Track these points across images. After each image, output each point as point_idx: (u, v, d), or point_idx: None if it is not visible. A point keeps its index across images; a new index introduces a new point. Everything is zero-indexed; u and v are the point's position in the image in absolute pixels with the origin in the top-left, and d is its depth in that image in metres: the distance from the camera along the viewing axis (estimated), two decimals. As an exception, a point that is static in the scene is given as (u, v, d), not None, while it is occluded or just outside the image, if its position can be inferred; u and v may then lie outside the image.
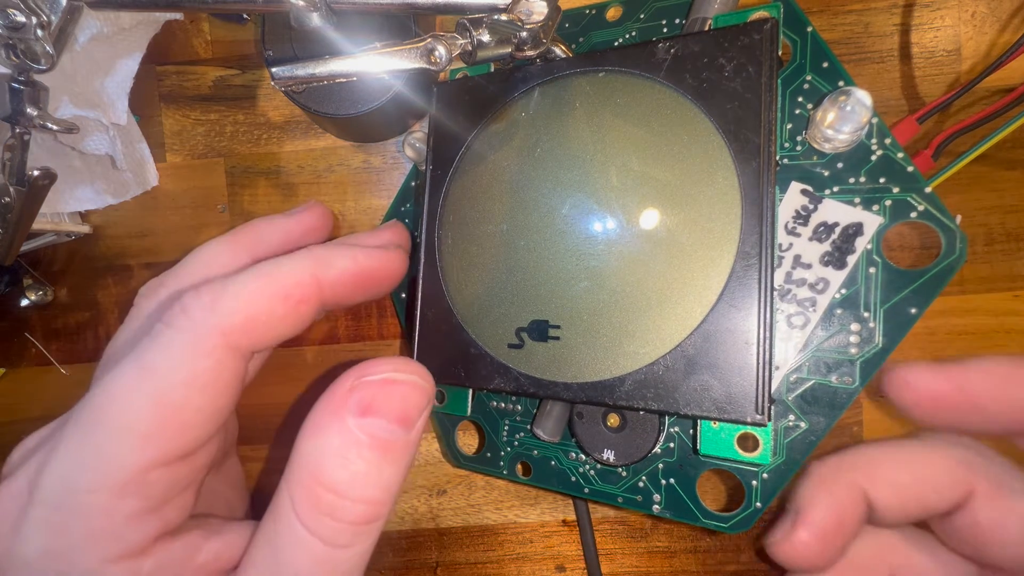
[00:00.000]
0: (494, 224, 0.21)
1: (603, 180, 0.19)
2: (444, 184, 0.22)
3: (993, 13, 0.23)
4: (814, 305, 0.17)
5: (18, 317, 0.29)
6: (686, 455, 0.19)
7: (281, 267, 0.16)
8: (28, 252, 0.28)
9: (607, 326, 0.18)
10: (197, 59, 0.28)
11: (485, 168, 0.21)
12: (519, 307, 0.20)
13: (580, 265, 0.19)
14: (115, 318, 0.29)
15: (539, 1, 0.19)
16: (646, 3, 0.21)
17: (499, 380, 0.20)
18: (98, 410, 0.14)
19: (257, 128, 0.28)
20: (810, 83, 0.18)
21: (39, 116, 0.19)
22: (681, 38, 0.18)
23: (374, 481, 0.14)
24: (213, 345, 0.15)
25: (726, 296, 0.17)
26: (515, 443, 0.22)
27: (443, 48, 0.20)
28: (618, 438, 0.19)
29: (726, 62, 0.17)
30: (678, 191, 0.18)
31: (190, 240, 0.28)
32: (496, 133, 0.21)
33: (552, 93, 0.20)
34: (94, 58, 0.24)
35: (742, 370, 0.16)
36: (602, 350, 0.18)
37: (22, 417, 0.29)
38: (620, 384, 0.18)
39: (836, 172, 0.18)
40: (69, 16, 0.18)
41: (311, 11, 0.18)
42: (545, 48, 0.21)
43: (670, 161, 0.18)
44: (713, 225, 0.17)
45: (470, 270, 0.21)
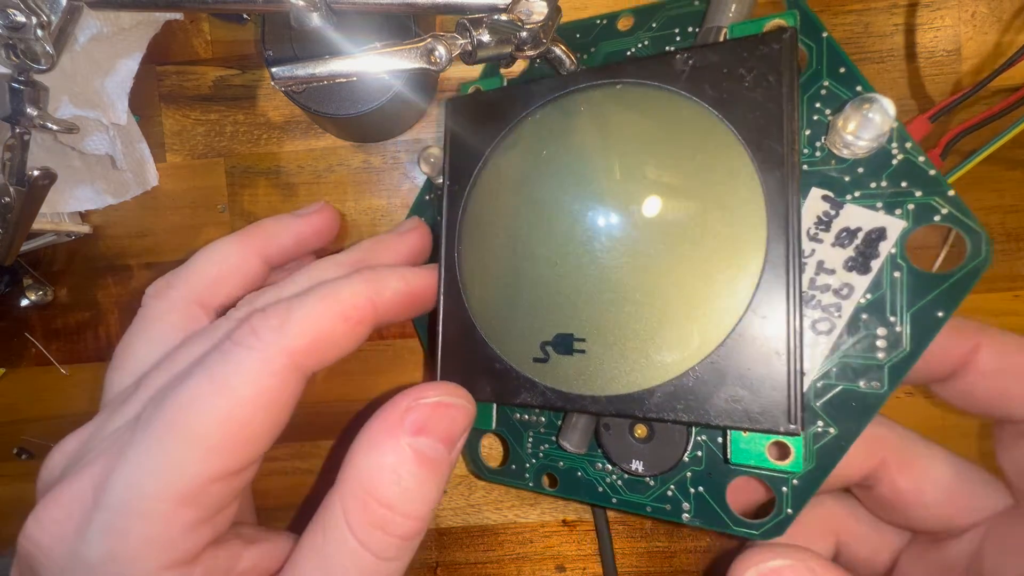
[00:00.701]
0: (514, 238, 0.20)
1: (624, 192, 0.19)
2: (462, 199, 0.22)
3: (993, 13, 0.23)
4: (839, 310, 0.17)
5: (18, 317, 0.29)
6: (715, 463, 0.19)
7: (341, 291, 0.17)
8: (28, 252, 0.28)
9: (633, 338, 0.18)
10: (197, 59, 0.28)
11: (503, 182, 0.21)
12: (543, 321, 0.20)
13: (603, 278, 0.19)
14: (115, 318, 0.29)
15: (539, 1, 0.19)
16: (658, 12, 0.21)
17: (526, 394, 0.20)
18: (170, 420, 0.14)
19: (257, 128, 0.28)
20: (827, 88, 0.18)
21: (39, 116, 0.19)
22: (699, 49, 0.18)
23: (421, 497, 0.16)
24: (281, 365, 0.15)
25: (754, 306, 0.17)
26: (540, 455, 0.22)
27: (443, 48, 0.20)
28: (646, 448, 0.19)
29: (746, 72, 0.17)
30: (701, 202, 0.18)
31: (190, 240, 0.28)
32: (514, 147, 0.21)
33: (569, 106, 0.20)
34: (94, 58, 0.24)
35: (773, 380, 0.16)
36: (629, 363, 0.18)
37: (22, 417, 0.29)
38: (649, 396, 0.18)
39: (857, 177, 0.17)
40: (69, 16, 0.18)
41: (311, 11, 0.18)
42: (545, 48, 0.21)
43: (692, 172, 0.18)
44: (738, 235, 0.17)
45: (491, 285, 0.21)
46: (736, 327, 0.17)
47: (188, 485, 0.14)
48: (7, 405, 0.29)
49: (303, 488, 0.28)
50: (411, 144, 0.27)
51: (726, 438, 0.18)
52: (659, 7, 0.21)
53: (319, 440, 0.28)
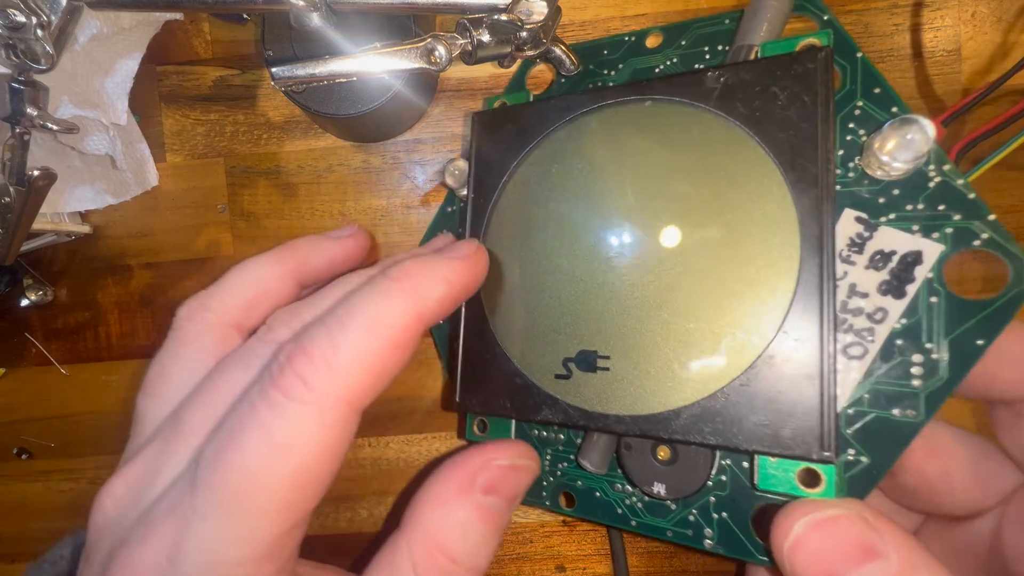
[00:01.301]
0: (538, 252, 0.20)
1: (652, 209, 0.18)
2: (486, 213, 0.22)
3: (993, 13, 0.23)
4: (872, 335, 0.17)
5: (18, 317, 0.29)
6: (740, 489, 0.18)
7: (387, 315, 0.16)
8: (28, 252, 0.28)
9: (659, 358, 0.18)
10: (197, 59, 0.28)
11: (529, 196, 0.21)
12: (566, 337, 0.19)
13: (629, 295, 0.18)
14: (115, 318, 0.29)
15: (539, 1, 0.19)
16: (687, 30, 0.21)
17: (547, 412, 0.19)
18: (236, 487, 0.14)
19: (257, 128, 0.28)
20: (861, 109, 0.18)
21: (39, 116, 0.19)
22: (732, 67, 0.18)
23: (484, 552, 0.16)
24: (340, 414, 0.15)
25: (786, 328, 0.16)
26: (558, 473, 0.21)
27: (443, 48, 0.20)
28: (669, 471, 0.19)
29: (779, 91, 0.17)
30: (732, 220, 0.17)
31: (190, 240, 0.28)
32: (540, 162, 0.21)
33: (597, 122, 0.20)
34: (94, 58, 0.24)
35: (805, 405, 0.16)
36: (655, 382, 0.18)
37: (22, 417, 0.29)
38: (675, 418, 0.17)
39: (892, 199, 0.17)
40: (69, 16, 0.18)
41: (311, 11, 0.18)
42: (545, 48, 0.21)
43: (722, 190, 0.17)
44: (770, 255, 0.17)
45: (513, 299, 0.21)
46: (767, 349, 0.16)
47: (264, 545, 0.14)
48: (7, 405, 0.29)
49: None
50: (411, 144, 0.27)
51: (753, 463, 0.17)
52: (689, 25, 0.21)
53: (319, 440, 0.28)
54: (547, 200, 0.20)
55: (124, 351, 0.29)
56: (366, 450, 0.27)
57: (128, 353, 0.29)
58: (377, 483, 0.27)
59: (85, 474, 0.29)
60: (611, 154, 0.19)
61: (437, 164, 0.27)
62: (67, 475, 0.30)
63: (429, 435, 0.27)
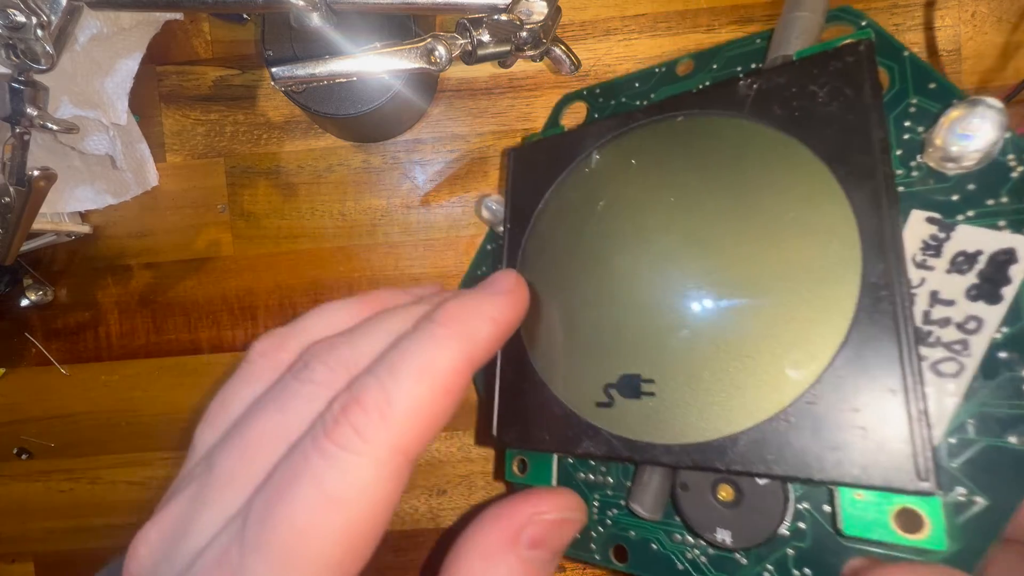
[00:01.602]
0: (575, 278, 0.19)
1: (692, 223, 0.17)
2: (522, 241, 0.21)
3: (993, 13, 0.23)
4: (967, 348, 0.14)
5: (18, 317, 0.29)
6: (823, 537, 0.15)
7: (437, 362, 0.15)
8: (28, 252, 0.28)
9: (709, 378, 0.16)
10: (197, 59, 0.28)
11: (564, 222, 0.20)
12: (606, 361, 0.18)
13: (671, 314, 0.17)
14: (115, 318, 0.29)
15: (539, 1, 0.19)
16: (718, 53, 0.20)
17: (588, 443, 0.18)
18: (286, 544, 0.14)
19: (257, 128, 0.28)
20: (916, 106, 0.16)
21: (39, 116, 0.19)
22: (764, 72, 0.17)
23: None
24: (396, 465, 0.15)
25: (855, 336, 0.14)
26: (608, 522, 0.19)
27: (443, 48, 0.20)
28: (734, 515, 0.16)
29: (818, 88, 0.16)
30: (780, 226, 0.16)
31: (190, 240, 0.28)
32: (574, 187, 0.20)
33: (630, 143, 0.19)
34: (94, 58, 0.24)
35: (889, 424, 0.13)
36: (706, 406, 0.16)
37: (22, 417, 0.29)
38: (732, 445, 0.15)
39: (968, 195, 0.15)
40: (69, 16, 0.18)
41: (311, 11, 0.18)
42: (545, 48, 0.21)
43: (766, 197, 0.16)
44: (827, 258, 0.15)
45: (551, 325, 0.20)
46: (833, 361, 0.14)
47: None
48: (7, 405, 0.29)
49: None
50: (411, 144, 0.27)
51: (834, 503, 0.15)
52: (719, 49, 0.20)
53: (319, 440, 0.28)
54: (583, 225, 0.20)
55: (124, 351, 0.29)
56: (366, 450, 0.27)
57: (128, 353, 0.29)
58: (377, 483, 0.27)
59: (85, 474, 0.29)
60: (646, 173, 0.19)
61: (437, 164, 0.27)
62: (67, 475, 0.30)
63: (429, 435, 0.27)
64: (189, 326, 0.28)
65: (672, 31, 0.25)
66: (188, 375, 0.28)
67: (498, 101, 0.26)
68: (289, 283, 0.28)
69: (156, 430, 0.29)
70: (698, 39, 0.25)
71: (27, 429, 0.29)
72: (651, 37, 0.25)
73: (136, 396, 0.29)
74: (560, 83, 0.26)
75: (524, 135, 0.26)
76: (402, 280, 0.27)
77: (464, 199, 0.27)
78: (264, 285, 0.28)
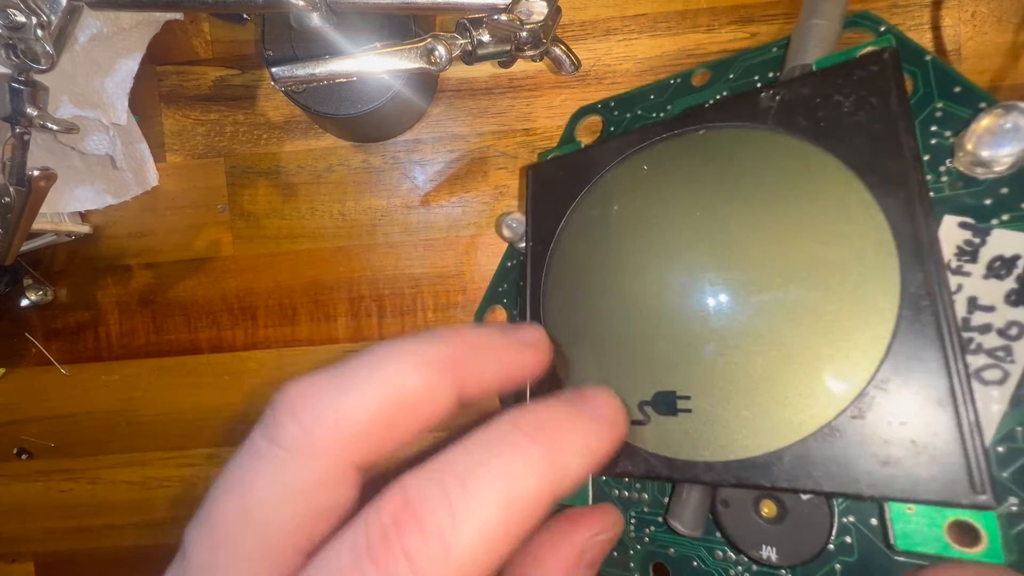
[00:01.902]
0: (602, 295, 0.19)
1: (721, 237, 0.17)
2: (545, 259, 0.21)
3: (993, 13, 0.23)
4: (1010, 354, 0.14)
5: (18, 317, 0.29)
6: (873, 552, 0.15)
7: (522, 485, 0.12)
8: (28, 252, 0.28)
9: (748, 392, 0.15)
10: (197, 59, 0.28)
11: (587, 240, 0.20)
12: (639, 379, 0.17)
13: (705, 327, 0.17)
14: (115, 318, 0.29)
15: (539, 1, 0.19)
16: (735, 63, 0.20)
17: (625, 463, 0.17)
18: None
19: (257, 128, 0.28)
20: (942, 110, 0.16)
21: (39, 116, 0.19)
22: (787, 83, 0.17)
23: None
24: None
25: (898, 347, 0.14)
26: (645, 539, 0.19)
27: (443, 48, 0.20)
28: (778, 531, 0.16)
29: (843, 98, 0.16)
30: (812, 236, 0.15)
31: (190, 240, 0.28)
32: (596, 205, 0.20)
33: (651, 157, 0.19)
34: (94, 58, 0.24)
35: (941, 436, 0.13)
36: (746, 421, 0.15)
37: (22, 417, 0.29)
38: (776, 461, 0.15)
39: (1001, 198, 0.15)
40: (69, 16, 0.18)
41: (311, 11, 0.18)
42: (545, 48, 0.21)
43: (796, 207, 0.16)
44: (863, 268, 0.15)
45: (580, 343, 0.19)
46: (878, 372, 0.14)
47: None
48: (7, 405, 0.29)
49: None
50: (411, 144, 0.27)
51: (884, 517, 0.14)
52: (735, 58, 0.20)
53: (319, 440, 0.28)
54: (608, 242, 0.20)
55: (124, 351, 0.29)
56: (366, 450, 0.28)
57: (128, 353, 0.29)
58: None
59: (85, 474, 0.29)
60: (669, 188, 0.18)
61: (437, 164, 0.27)
62: (67, 475, 0.30)
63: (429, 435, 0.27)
64: (189, 326, 0.28)
65: (672, 31, 0.25)
66: (188, 375, 0.28)
67: (498, 101, 0.26)
68: (289, 283, 0.28)
69: (156, 430, 0.29)
70: (698, 39, 0.25)
71: (27, 429, 0.29)
72: (651, 37, 0.25)
73: (136, 396, 0.29)
74: (560, 83, 0.26)
75: (524, 135, 0.26)
76: (401, 280, 0.27)
77: (464, 199, 0.27)
78: (264, 285, 0.28)
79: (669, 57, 0.25)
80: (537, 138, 0.26)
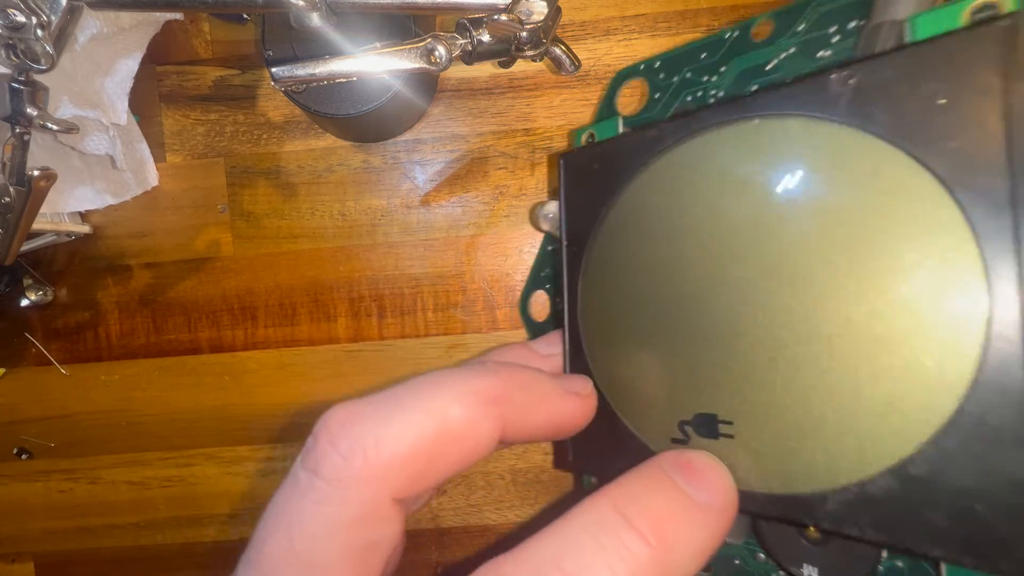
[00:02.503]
0: (642, 305, 0.18)
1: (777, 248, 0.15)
2: (581, 261, 0.19)
3: (993, 13, 0.23)
4: None
5: (18, 317, 0.29)
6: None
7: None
8: (28, 252, 0.28)
9: (796, 425, 0.14)
10: (197, 59, 0.28)
11: (625, 243, 0.18)
12: (680, 397, 0.16)
13: (755, 352, 0.15)
14: (115, 318, 0.29)
15: (539, 1, 0.19)
16: (806, 9, 0.17)
17: None
18: None
19: (257, 128, 0.28)
20: None
21: (39, 116, 0.19)
22: (864, 63, 0.14)
23: None
24: None
25: (980, 392, 0.12)
26: None
27: (443, 48, 0.20)
28: (822, 552, 0.15)
29: (939, 84, 0.12)
30: (884, 257, 0.13)
31: (190, 240, 0.28)
32: (634, 204, 0.18)
33: (698, 149, 0.17)
34: (94, 58, 0.24)
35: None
36: (791, 455, 0.14)
37: (22, 417, 0.29)
38: (821, 502, 0.13)
39: None
40: (69, 16, 0.18)
41: (311, 11, 0.18)
42: (545, 48, 0.21)
43: (867, 220, 0.13)
44: (942, 301, 0.12)
45: (620, 352, 0.18)
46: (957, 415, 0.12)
47: None
48: (7, 405, 0.29)
49: (303, 488, 0.28)
50: (411, 144, 0.27)
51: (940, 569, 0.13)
52: (806, 4, 0.17)
53: (319, 440, 0.28)
54: (648, 245, 0.18)
55: (124, 351, 0.29)
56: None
57: (128, 353, 0.29)
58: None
59: (85, 474, 0.29)
60: (717, 188, 0.16)
61: (437, 164, 0.27)
62: (67, 475, 0.30)
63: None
64: (189, 326, 0.28)
65: (672, 31, 0.25)
66: (188, 375, 0.28)
67: (498, 101, 0.26)
68: (289, 283, 0.28)
69: (156, 430, 0.29)
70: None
71: (27, 429, 0.29)
72: (651, 37, 0.25)
73: (136, 396, 0.29)
74: (560, 83, 0.26)
75: (524, 135, 0.26)
76: (401, 280, 0.27)
77: (464, 199, 0.27)
78: (264, 285, 0.28)
79: (669, 57, 0.25)
80: (537, 138, 0.26)
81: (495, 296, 0.27)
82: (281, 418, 0.28)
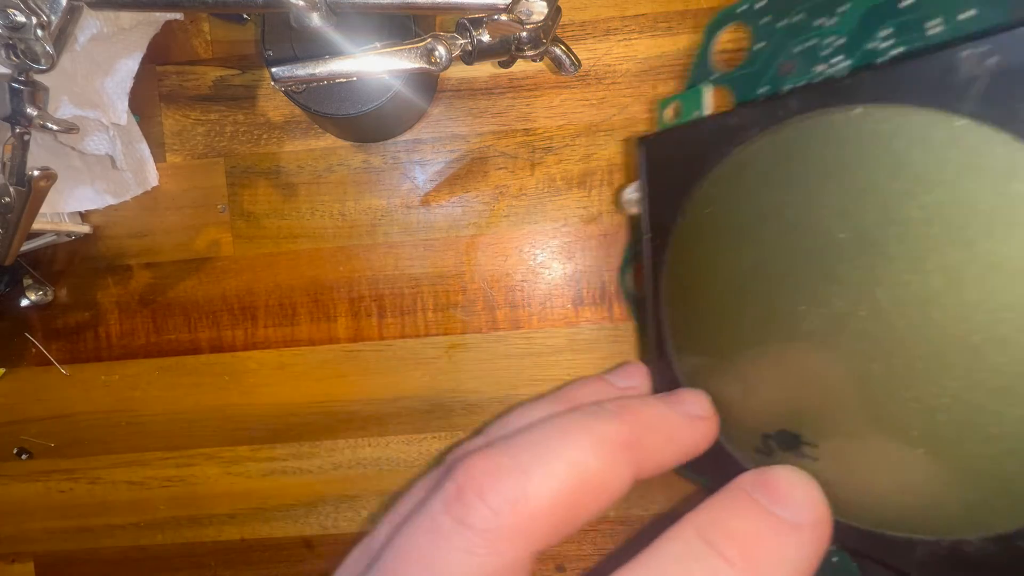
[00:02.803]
0: (726, 309, 0.16)
1: (884, 263, 0.13)
2: (665, 254, 0.18)
3: (993, 13, 0.23)
4: None
5: (18, 317, 0.29)
6: None
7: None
8: (28, 252, 0.28)
9: (888, 462, 0.13)
10: (197, 59, 0.28)
11: (711, 237, 0.17)
12: (764, 409, 0.15)
13: (849, 369, 0.13)
14: (115, 318, 0.29)
15: (539, 1, 0.19)
16: None
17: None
18: None
19: (257, 128, 0.28)
20: None
21: (39, 116, 0.19)
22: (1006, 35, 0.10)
23: None
24: None
25: None
26: None
27: (443, 48, 0.20)
28: None
29: None
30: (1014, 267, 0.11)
31: (190, 240, 0.28)
32: (720, 195, 0.16)
33: (791, 140, 0.14)
34: (94, 58, 0.24)
35: None
36: (877, 493, 0.13)
37: (22, 417, 0.29)
38: (908, 549, 0.12)
39: None
40: (69, 16, 0.18)
41: (311, 11, 0.18)
42: (545, 48, 0.21)
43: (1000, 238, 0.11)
44: None
45: (704, 352, 0.17)
46: None
47: None
48: (7, 405, 0.29)
49: (303, 488, 0.28)
50: (411, 144, 0.27)
51: None
52: None
53: (318, 440, 0.28)
54: (734, 245, 0.16)
55: (124, 351, 0.29)
56: (366, 450, 0.28)
57: (128, 353, 0.29)
58: (377, 483, 0.27)
59: (85, 474, 0.29)
60: (816, 187, 0.14)
61: (437, 164, 0.27)
62: (67, 475, 0.30)
63: (429, 435, 0.27)
64: (189, 326, 0.28)
65: (672, 31, 0.25)
66: (188, 375, 0.28)
67: (498, 101, 0.26)
68: (289, 283, 0.28)
69: (156, 430, 0.29)
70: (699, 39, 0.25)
71: (27, 429, 0.29)
72: (651, 37, 0.25)
73: (136, 396, 0.29)
74: (560, 83, 0.26)
75: (524, 135, 0.26)
76: (401, 280, 0.27)
77: (464, 199, 0.27)
78: (264, 285, 0.28)
79: (669, 57, 0.25)
80: (537, 138, 0.26)
81: (495, 296, 0.27)
82: (281, 418, 0.28)
